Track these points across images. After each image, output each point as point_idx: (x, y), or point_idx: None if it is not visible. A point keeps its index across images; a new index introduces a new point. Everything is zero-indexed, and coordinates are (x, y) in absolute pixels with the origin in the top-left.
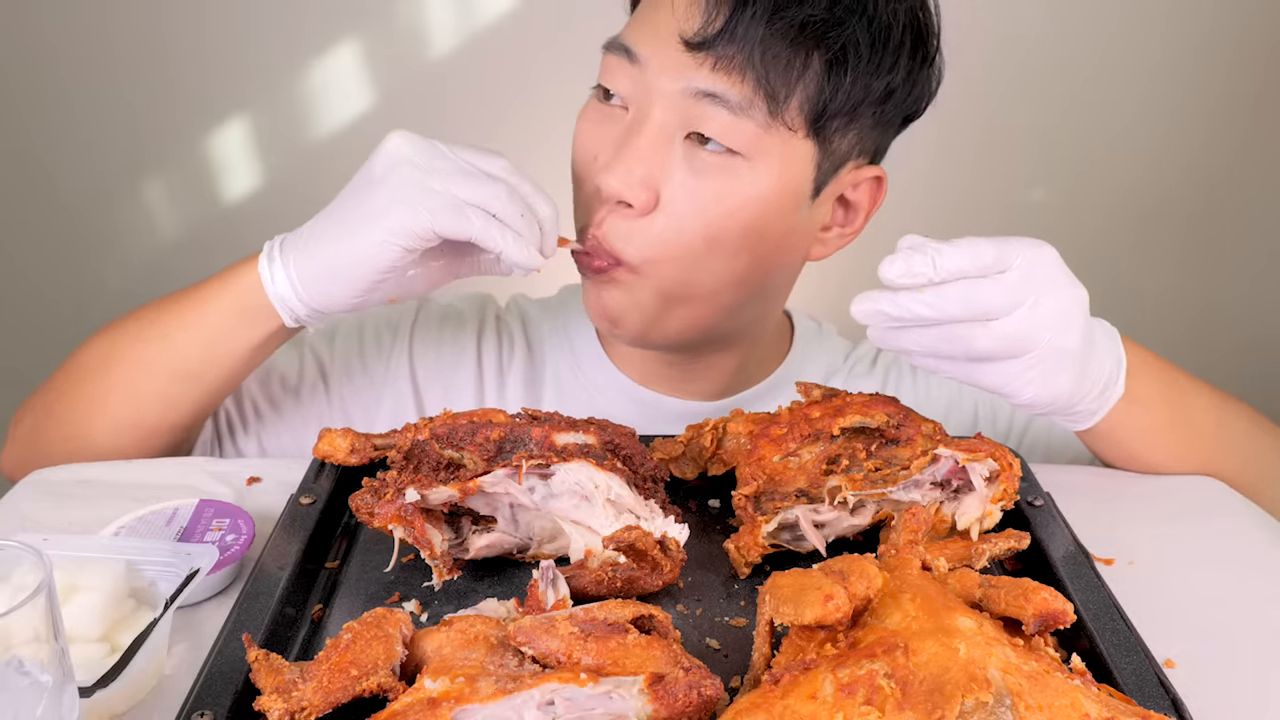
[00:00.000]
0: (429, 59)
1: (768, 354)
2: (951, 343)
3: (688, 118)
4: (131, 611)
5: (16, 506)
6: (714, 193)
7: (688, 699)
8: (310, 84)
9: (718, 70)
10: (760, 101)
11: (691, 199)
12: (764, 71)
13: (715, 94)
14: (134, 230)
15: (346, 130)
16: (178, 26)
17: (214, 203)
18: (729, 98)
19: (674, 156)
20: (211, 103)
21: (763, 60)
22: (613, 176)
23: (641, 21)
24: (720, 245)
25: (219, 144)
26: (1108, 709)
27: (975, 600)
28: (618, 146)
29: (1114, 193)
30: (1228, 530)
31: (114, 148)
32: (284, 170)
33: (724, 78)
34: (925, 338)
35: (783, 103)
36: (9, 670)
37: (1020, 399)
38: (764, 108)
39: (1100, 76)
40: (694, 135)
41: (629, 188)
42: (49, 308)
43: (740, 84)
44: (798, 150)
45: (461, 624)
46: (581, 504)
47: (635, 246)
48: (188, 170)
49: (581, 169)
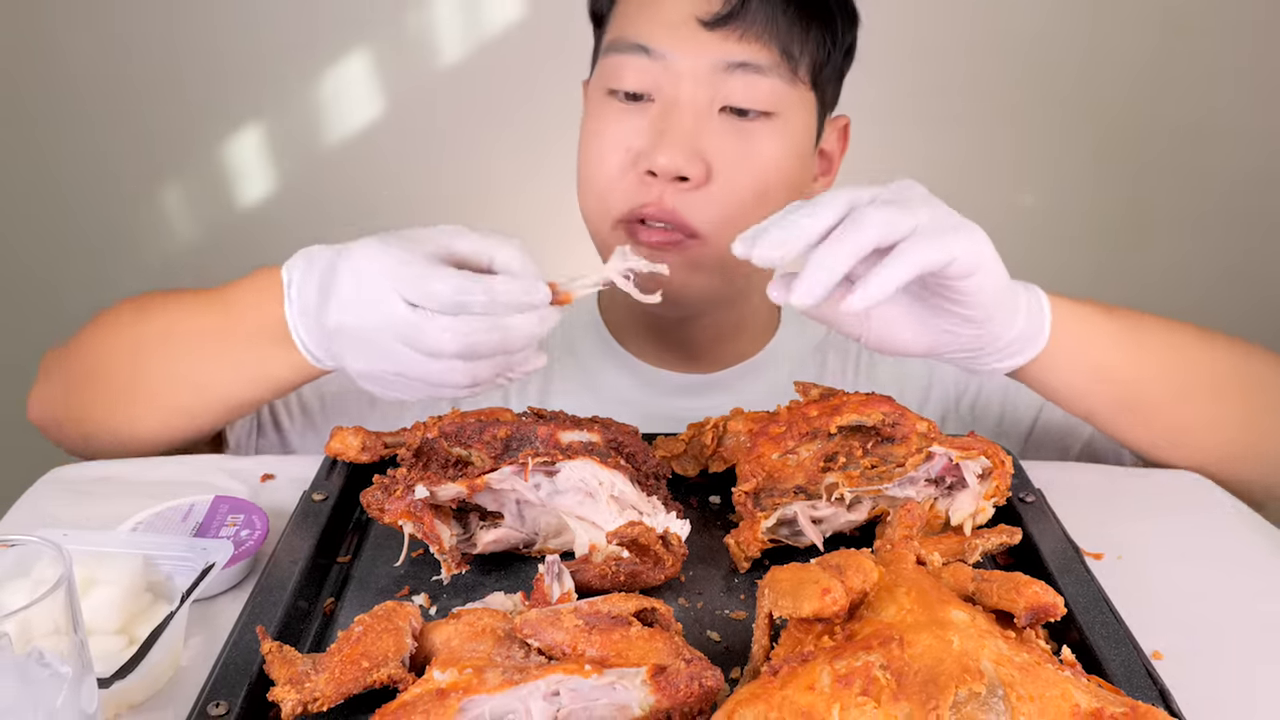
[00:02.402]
0: (438, 67)
1: (759, 327)
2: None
3: (719, 92)
4: (149, 605)
5: (37, 503)
6: (760, 153)
7: (689, 690)
8: (322, 92)
9: (744, 40)
10: (783, 63)
11: (742, 163)
12: (783, 35)
13: (746, 63)
14: (151, 234)
15: (358, 137)
16: (193, 37)
17: (229, 207)
18: (759, 63)
19: (715, 128)
20: (226, 110)
21: (781, 26)
22: (663, 155)
23: (643, 17)
24: (768, 200)
25: (234, 150)
26: (1097, 699)
27: (968, 594)
28: (658, 131)
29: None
30: (1214, 526)
31: (132, 154)
32: (297, 175)
33: (752, 46)
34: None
35: (798, 60)
36: (30, 662)
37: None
38: (786, 67)
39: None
40: (727, 109)
41: (686, 162)
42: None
43: (767, 49)
44: (808, 103)
45: (469, 617)
46: (586, 500)
47: (701, 216)
48: (203, 176)
49: (610, 163)
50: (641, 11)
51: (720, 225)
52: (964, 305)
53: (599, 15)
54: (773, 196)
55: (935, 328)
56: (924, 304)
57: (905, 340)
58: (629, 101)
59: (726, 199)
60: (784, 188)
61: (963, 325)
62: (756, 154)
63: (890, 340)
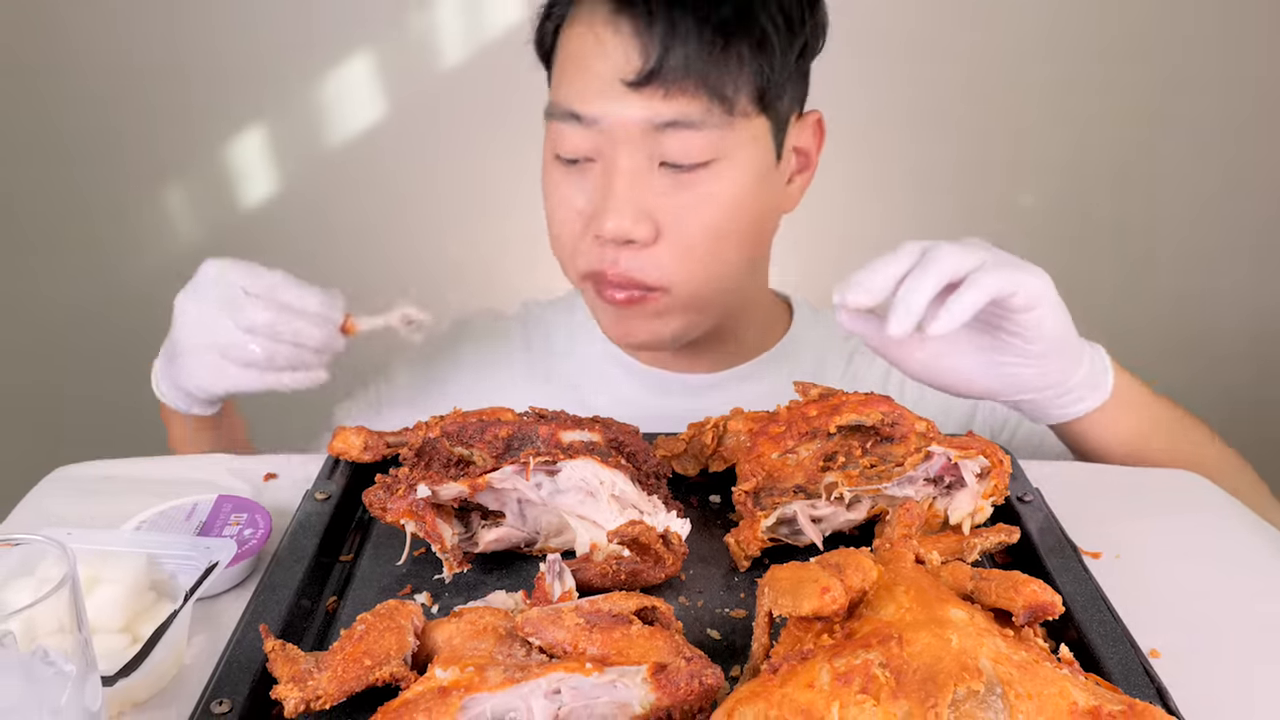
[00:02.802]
0: (439, 69)
1: (764, 326)
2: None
3: (655, 150)
4: (152, 603)
5: (41, 502)
6: (706, 201)
7: (689, 688)
8: (324, 94)
9: (670, 98)
10: (717, 109)
11: (689, 215)
12: (711, 82)
13: (676, 120)
14: (155, 234)
15: (359, 139)
16: (197, 40)
17: (232, 208)
18: (690, 118)
19: (656, 185)
20: (229, 112)
21: (707, 73)
22: (609, 221)
23: (572, 81)
24: (727, 243)
25: (237, 152)
26: (1095, 697)
27: (967, 592)
28: (602, 194)
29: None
30: (1211, 525)
31: (136, 155)
32: (299, 177)
33: (679, 102)
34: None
35: (734, 99)
36: (35, 660)
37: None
38: (721, 112)
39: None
40: (666, 164)
41: (632, 225)
42: (73, 308)
43: (696, 100)
44: (757, 130)
45: (471, 615)
46: (587, 499)
47: (656, 275)
48: (207, 177)
49: (569, 225)
50: (574, 76)
51: (677, 276)
52: (1026, 339)
53: (545, 56)
54: (731, 230)
55: (997, 364)
56: (988, 341)
57: (966, 380)
58: (572, 165)
59: (679, 253)
60: (743, 219)
61: (1024, 362)
62: (702, 203)
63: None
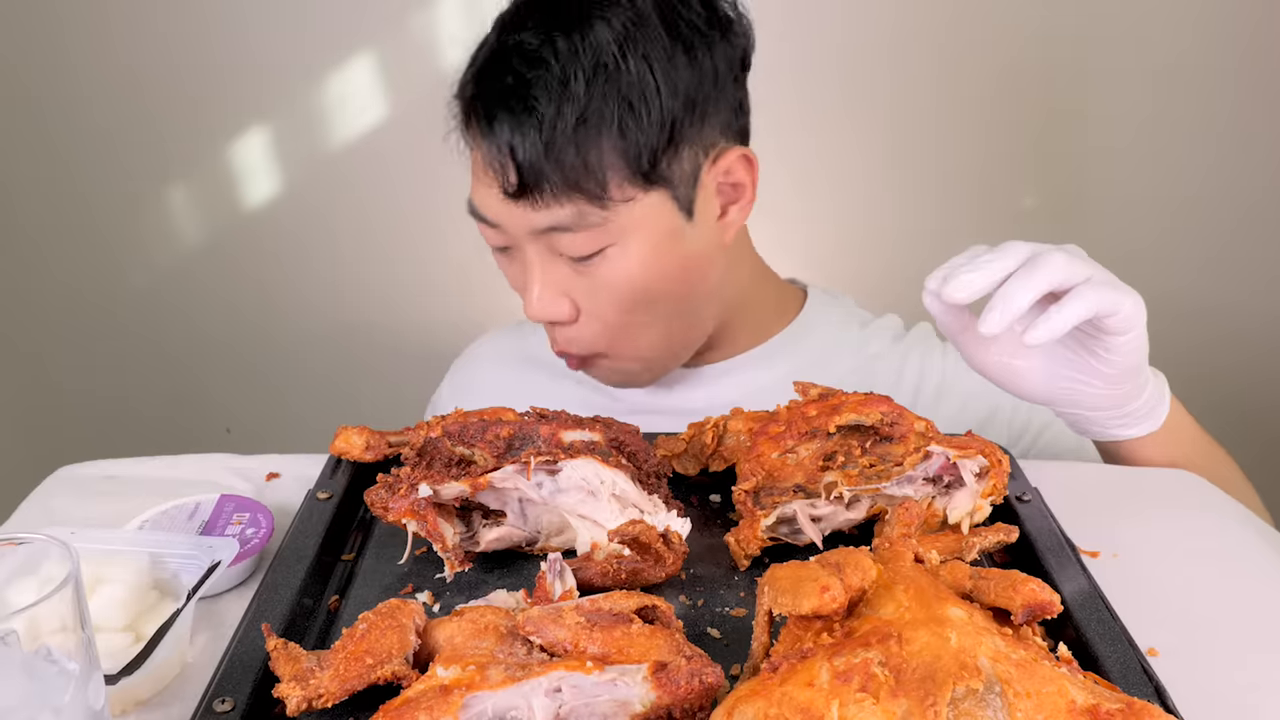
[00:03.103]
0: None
1: (763, 321)
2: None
3: (550, 247)
4: (155, 602)
5: (45, 501)
6: (613, 278)
7: (689, 686)
8: (327, 95)
9: (539, 208)
10: (589, 205)
11: (600, 294)
12: (574, 183)
13: (552, 226)
14: (159, 234)
15: (361, 140)
16: (200, 42)
17: (234, 209)
18: (563, 223)
19: (563, 271)
20: (233, 113)
21: (565, 177)
22: (531, 310)
23: (476, 184)
24: (646, 308)
25: (240, 152)
26: (1093, 696)
27: (966, 591)
28: (523, 282)
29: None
30: (1208, 525)
31: (140, 155)
32: (301, 178)
33: (548, 211)
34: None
35: (606, 191)
36: (38, 658)
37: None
38: (598, 207)
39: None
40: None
41: (552, 311)
42: (78, 308)
43: (563, 206)
44: (649, 203)
45: (472, 614)
46: (587, 499)
47: (589, 345)
48: (210, 177)
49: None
50: (475, 182)
51: (610, 342)
52: (1108, 362)
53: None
54: (647, 299)
55: (1068, 377)
56: (1068, 355)
57: (1030, 384)
58: (503, 252)
59: (600, 328)
60: (659, 284)
61: (1095, 382)
62: (610, 281)
63: (1017, 381)
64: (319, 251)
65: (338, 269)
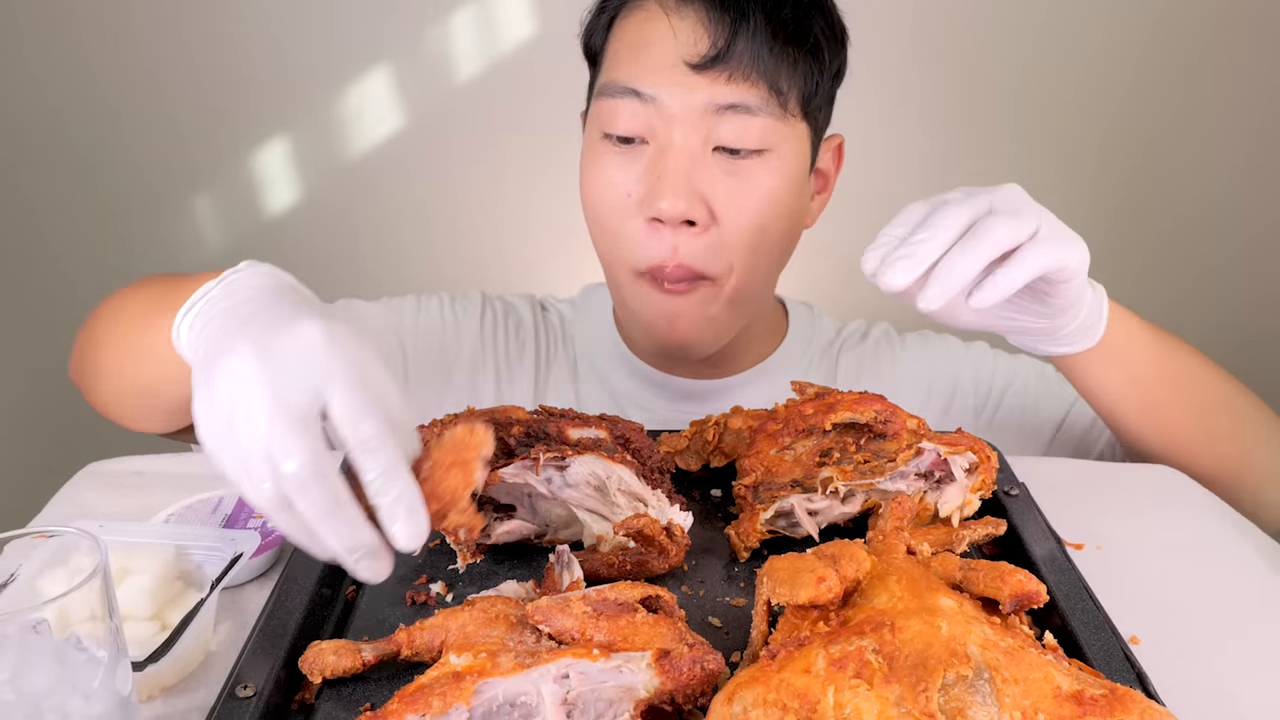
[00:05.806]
0: (455, 84)
1: (765, 333)
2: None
3: (711, 133)
4: (180, 592)
5: (75, 495)
6: (755, 190)
7: (691, 672)
8: (345, 107)
9: (733, 82)
10: (772, 99)
11: (741, 202)
12: (770, 73)
13: (736, 104)
14: (182, 241)
15: (378, 150)
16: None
17: (256, 216)
18: (749, 103)
19: (712, 169)
20: (255, 124)
21: (767, 64)
22: (664, 201)
23: (633, 60)
24: (769, 235)
25: (261, 162)
26: (1078, 682)
27: (956, 582)
28: (655, 176)
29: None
30: (1189, 519)
31: (165, 164)
32: (321, 186)
33: (741, 86)
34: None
35: (787, 95)
36: (68, 646)
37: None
38: (776, 104)
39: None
40: (720, 149)
41: (689, 207)
42: None
43: (755, 88)
44: (800, 134)
45: (484, 604)
46: (594, 493)
47: (712, 264)
48: (232, 186)
49: (618, 209)
50: (632, 55)
51: (726, 268)
52: (1049, 305)
53: (592, 54)
54: (771, 229)
55: (1008, 316)
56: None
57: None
58: (624, 145)
59: (732, 242)
60: (782, 219)
61: (1036, 318)
62: (753, 192)
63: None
64: (338, 255)
65: (358, 272)
